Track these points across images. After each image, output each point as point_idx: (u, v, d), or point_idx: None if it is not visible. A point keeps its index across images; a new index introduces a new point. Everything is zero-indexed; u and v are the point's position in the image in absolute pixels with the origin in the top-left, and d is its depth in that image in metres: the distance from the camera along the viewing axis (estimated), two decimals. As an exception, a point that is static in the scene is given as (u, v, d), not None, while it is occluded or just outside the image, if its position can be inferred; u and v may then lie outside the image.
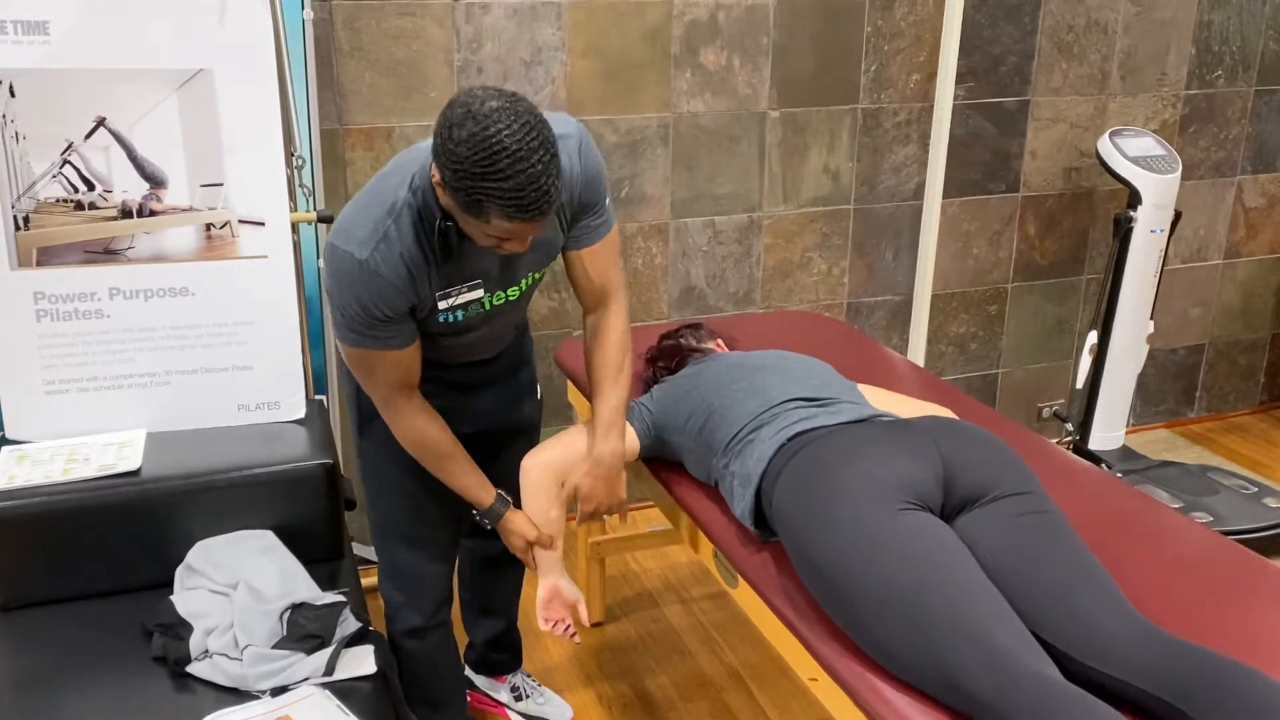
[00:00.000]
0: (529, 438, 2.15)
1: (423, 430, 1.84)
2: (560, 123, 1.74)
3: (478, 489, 1.91)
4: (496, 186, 1.46)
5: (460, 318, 1.78)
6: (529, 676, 2.51)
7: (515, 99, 1.48)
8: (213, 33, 2.04)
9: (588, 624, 1.98)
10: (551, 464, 1.94)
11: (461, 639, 2.36)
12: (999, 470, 1.64)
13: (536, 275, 1.85)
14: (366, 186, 1.71)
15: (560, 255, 1.88)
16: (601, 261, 1.88)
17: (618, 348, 1.92)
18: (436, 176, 1.54)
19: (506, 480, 1.96)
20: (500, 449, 2.07)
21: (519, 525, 1.93)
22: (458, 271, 1.72)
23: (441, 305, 1.74)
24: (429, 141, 1.65)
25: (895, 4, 3.17)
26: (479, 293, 1.77)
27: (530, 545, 1.94)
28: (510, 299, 1.83)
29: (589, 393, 1.96)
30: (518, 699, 2.46)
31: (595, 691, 2.58)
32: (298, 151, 2.45)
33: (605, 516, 2.00)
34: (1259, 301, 4.00)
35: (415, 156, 1.69)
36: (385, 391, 1.80)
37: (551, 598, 1.94)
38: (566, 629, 1.95)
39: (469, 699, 2.41)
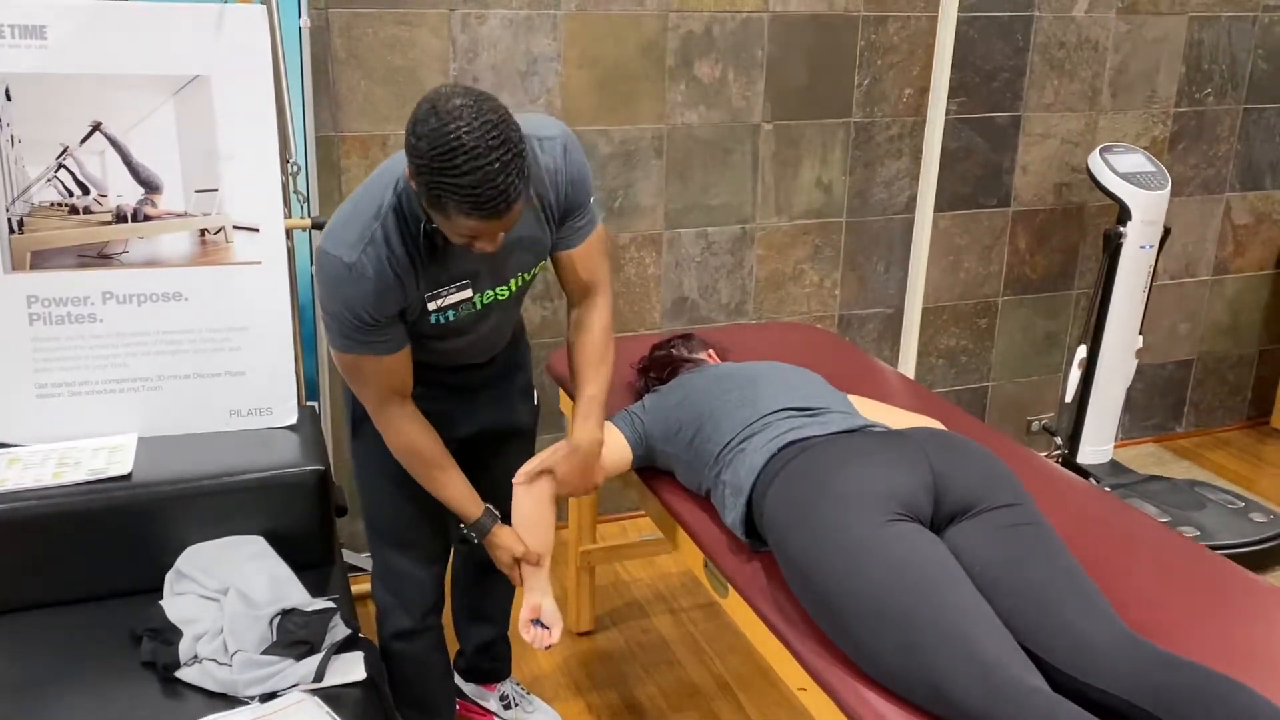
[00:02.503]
0: (524, 442, 2.15)
1: (413, 439, 1.84)
2: (545, 125, 1.77)
3: (466, 501, 1.91)
4: (453, 182, 1.47)
5: (452, 318, 1.79)
6: (518, 685, 2.50)
7: (481, 98, 1.49)
8: (210, 39, 2.05)
9: (555, 642, 1.95)
10: (546, 479, 1.94)
11: (452, 646, 2.36)
12: (989, 482, 1.65)
13: (527, 276, 1.87)
14: (354, 192, 1.73)
15: (549, 256, 1.90)
16: (588, 260, 1.92)
17: (601, 338, 1.96)
18: (409, 172, 1.55)
19: (500, 486, 1.97)
20: (495, 453, 2.07)
21: (507, 540, 1.92)
22: (444, 272, 1.74)
23: (431, 306, 1.75)
24: None
25: (889, 18, 3.19)
26: (467, 293, 1.78)
27: (517, 562, 1.93)
28: (500, 298, 1.84)
29: (570, 382, 1.99)
30: (507, 707, 2.45)
31: (584, 701, 2.58)
32: (293, 158, 2.46)
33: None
34: (1247, 318, 4.03)
35: (401, 160, 1.70)
36: (377, 399, 1.81)
37: (533, 618, 1.93)
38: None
39: (458, 706, 2.40)
